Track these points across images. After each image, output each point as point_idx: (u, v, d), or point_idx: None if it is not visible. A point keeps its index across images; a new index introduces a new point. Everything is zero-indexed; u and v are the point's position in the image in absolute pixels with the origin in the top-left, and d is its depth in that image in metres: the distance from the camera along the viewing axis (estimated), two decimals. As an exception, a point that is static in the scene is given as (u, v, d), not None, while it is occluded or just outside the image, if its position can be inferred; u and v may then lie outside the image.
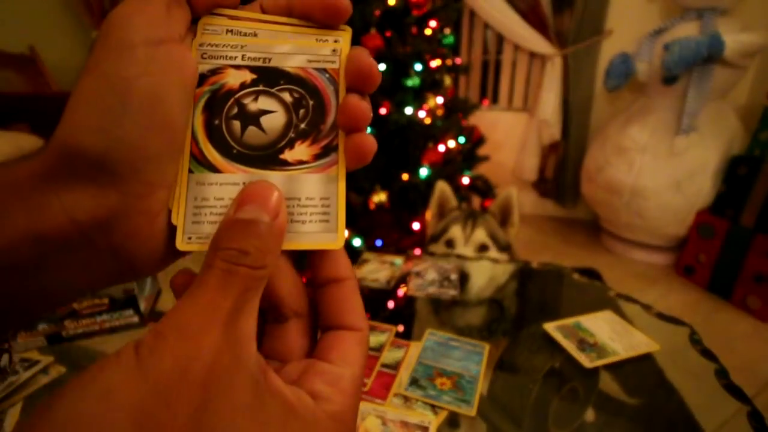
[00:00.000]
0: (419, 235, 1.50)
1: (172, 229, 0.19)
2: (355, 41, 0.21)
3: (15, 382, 0.52)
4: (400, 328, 0.64)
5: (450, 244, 1.09)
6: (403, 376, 0.54)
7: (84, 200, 0.16)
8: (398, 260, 0.84)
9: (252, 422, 0.15)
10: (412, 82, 1.45)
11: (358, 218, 1.46)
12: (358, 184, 1.43)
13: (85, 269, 0.18)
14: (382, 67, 1.40)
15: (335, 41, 0.20)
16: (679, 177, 1.78)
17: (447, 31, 1.72)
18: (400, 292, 0.75)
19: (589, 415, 0.50)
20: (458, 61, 1.81)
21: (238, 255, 0.16)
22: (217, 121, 0.19)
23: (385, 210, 1.45)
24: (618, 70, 1.98)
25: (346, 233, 1.34)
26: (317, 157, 0.20)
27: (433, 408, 0.49)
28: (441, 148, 1.55)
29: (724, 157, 1.74)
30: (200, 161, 0.19)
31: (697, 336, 0.60)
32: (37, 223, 0.16)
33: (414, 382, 0.53)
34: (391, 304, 0.73)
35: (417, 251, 0.93)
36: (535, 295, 0.80)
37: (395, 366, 0.56)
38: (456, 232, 1.09)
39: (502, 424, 0.48)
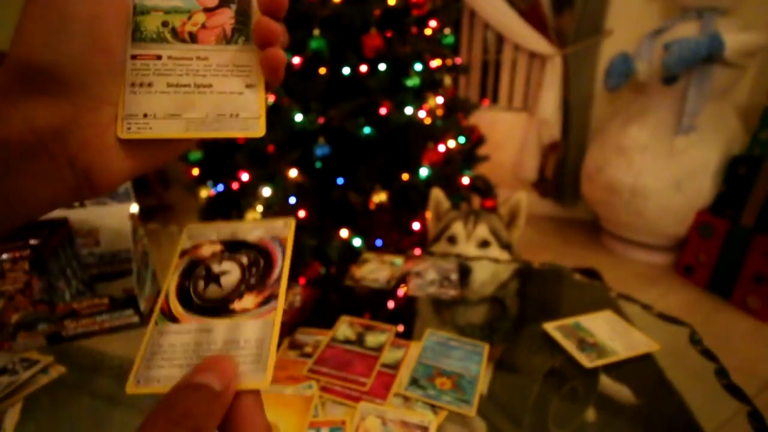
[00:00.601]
0: (419, 235, 1.50)
1: (121, 145, 0.22)
2: (355, 41, 0.22)
3: (15, 382, 0.52)
4: (400, 328, 0.64)
5: (452, 240, 1.10)
6: (403, 376, 0.54)
7: (39, 110, 0.19)
8: (398, 260, 0.84)
9: None
10: (412, 82, 1.45)
11: (358, 218, 1.46)
12: (358, 184, 1.43)
13: (46, 178, 0.19)
14: (382, 67, 1.39)
15: (285, 223, 0.26)
16: (679, 177, 1.78)
17: (447, 31, 1.72)
18: (400, 292, 0.75)
19: (589, 415, 0.50)
20: (458, 61, 1.80)
21: (182, 415, 0.17)
22: (187, 283, 0.24)
23: (385, 210, 1.45)
24: (618, 69, 1.98)
25: (346, 233, 1.33)
26: (260, 304, 0.23)
27: (433, 408, 0.49)
28: (441, 148, 1.55)
29: (724, 157, 1.74)
30: (165, 314, 0.23)
31: (697, 336, 0.60)
32: (0, 131, 0.18)
33: (414, 382, 0.53)
34: (391, 304, 0.73)
35: (417, 251, 0.93)
36: (535, 295, 0.80)
37: (395, 366, 0.56)
38: (458, 228, 1.09)
39: (502, 424, 0.48)
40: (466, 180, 1.68)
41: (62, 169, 0.20)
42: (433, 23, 1.59)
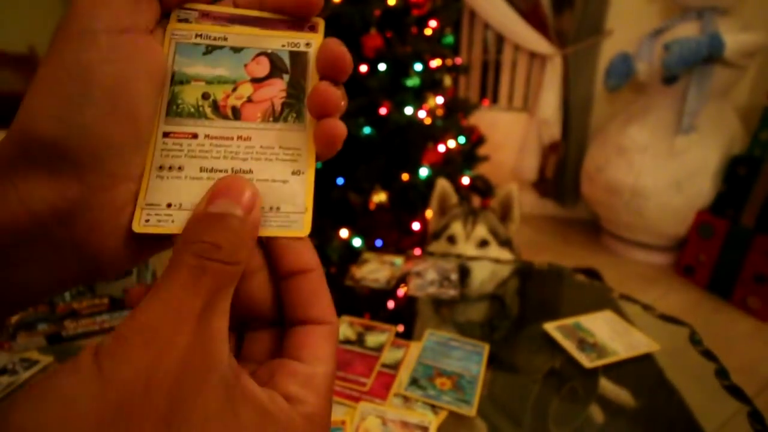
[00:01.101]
0: (419, 235, 1.50)
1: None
2: (355, 41, 0.21)
3: (15, 382, 0.52)
4: (400, 328, 0.64)
5: (451, 239, 1.10)
6: (403, 376, 0.54)
7: (42, 190, 0.16)
8: (398, 260, 0.84)
9: (226, 430, 0.14)
10: (412, 82, 1.45)
11: (358, 218, 1.46)
12: (358, 184, 1.43)
13: (46, 265, 0.17)
14: (382, 67, 1.39)
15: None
16: (679, 177, 1.78)
17: (447, 31, 1.72)
18: (400, 292, 0.75)
19: (589, 415, 0.50)
20: (458, 61, 1.80)
21: (210, 249, 0.15)
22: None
23: (385, 210, 1.45)
24: (618, 70, 1.98)
25: (346, 233, 1.33)
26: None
27: (433, 408, 0.49)
28: (441, 148, 1.55)
29: (724, 157, 1.74)
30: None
31: (698, 336, 0.60)
32: None
33: (414, 382, 0.53)
34: (391, 304, 0.73)
35: (417, 251, 0.93)
36: (535, 295, 0.80)
37: (395, 366, 0.56)
38: (457, 228, 1.10)
39: (502, 424, 0.48)
40: (466, 180, 1.68)
41: (66, 254, 0.17)
42: (433, 23, 1.59)
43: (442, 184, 1.20)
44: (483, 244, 1.08)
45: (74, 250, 0.17)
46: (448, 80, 1.68)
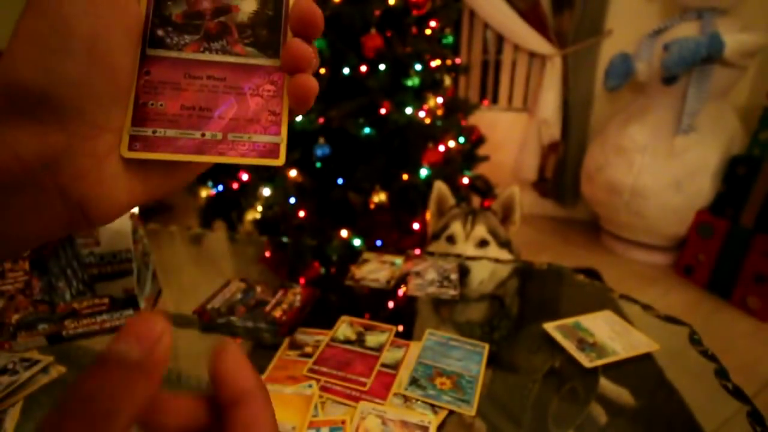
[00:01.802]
0: (419, 235, 1.50)
1: (123, 170, 0.20)
2: (355, 41, 0.21)
3: (15, 382, 0.52)
4: (400, 328, 0.64)
5: (451, 239, 1.10)
6: (403, 375, 0.54)
7: (28, 137, 0.16)
8: (398, 260, 0.84)
9: None
10: (412, 82, 1.45)
11: (358, 218, 1.46)
12: (358, 184, 1.43)
13: (35, 211, 0.17)
14: (382, 67, 1.40)
15: None
16: (679, 177, 1.78)
17: (447, 31, 1.73)
18: (400, 292, 0.75)
19: (589, 415, 0.50)
20: (458, 61, 1.81)
21: (84, 399, 0.13)
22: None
23: (385, 210, 1.45)
24: (618, 70, 1.98)
25: (346, 233, 1.32)
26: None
27: (433, 408, 0.49)
28: (441, 148, 1.55)
29: (724, 157, 1.75)
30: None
31: (697, 336, 0.60)
32: None
33: (414, 381, 0.53)
34: (391, 304, 0.73)
35: (417, 251, 0.93)
36: (535, 295, 0.80)
37: (395, 366, 0.56)
38: (456, 228, 1.10)
39: (502, 423, 0.49)
40: (466, 180, 1.68)
41: (53, 201, 0.17)
42: (433, 23, 1.59)
43: (439, 186, 1.20)
44: (482, 244, 1.08)
45: (61, 197, 0.18)
46: (448, 80, 1.68)
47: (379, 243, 1.50)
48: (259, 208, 1.40)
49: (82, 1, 0.17)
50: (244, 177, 1.45)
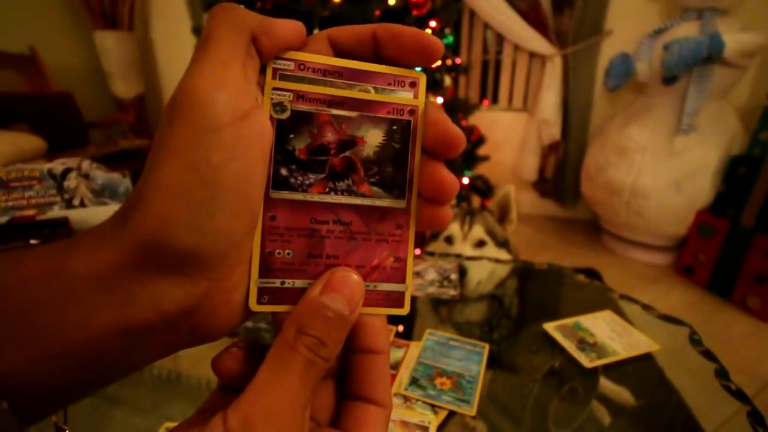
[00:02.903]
0: (419, 235, 1.50)
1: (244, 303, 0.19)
2: None
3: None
4: (400, 328, 0.64)
5: (449, 240, 1.11)
6: (403, 376, 0.54)
7: (171, 291, 0.16)
8: (398, 260, 0.84)
9: None
10: (412, 82, 1.45)
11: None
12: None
13: (164, 352, 0.17)
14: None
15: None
16: (679, 177, 1.78)
17: (447, 31, 1.72)
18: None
19: (589, 415, 0.50)
20: (458, 61, 1.81)
21: (318, 345, 0.17)
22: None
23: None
24: (618, 70, 1.98)
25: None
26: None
27: (433, 408, 0.49)
28: (441, 148, 1.54)
29: (724, 157, 1.74)
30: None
31: (697, 336, 0.60)
32: (123, 315, 0.15)
33: (414, 382, 0.53)
34: (391, 304, 0.73)
35: (417, 251, 0.93)
36: (535, 295, 0.80)
37: (395, 366, 0.56)
38: (454, 228, 1.10)
39: (502, 424, 0.48)
40: (466, 180, 1.68)
41: (182, 339, 0.17)
42: (433, 23, 1.59)
43: None
44: (480, 244, 1.09)
45: (190, 332, 0.17)
46: (448, 80, 1.68)
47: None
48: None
49: (230, 145, 0.15)
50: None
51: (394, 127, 0.19)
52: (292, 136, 0.19)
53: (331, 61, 0.19)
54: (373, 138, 0.19)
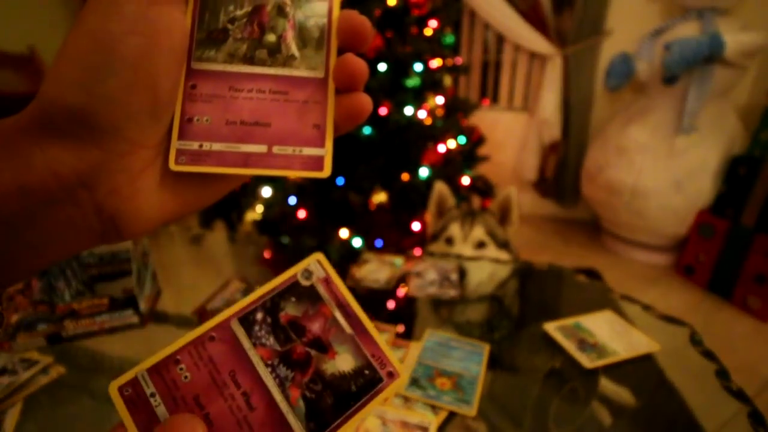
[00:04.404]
0: (419, 235, 1.50)
1: (155, 191, 0.19)
2: None
3: (15, 382, 0.52)
4: (400, 328, 0.64)
5: (449, 241, 1.10)
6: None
7: (65, 154, 0.17)
8: (398, 260, 0.84)
9: None
10: (412, 82, 1.45)
11: (358, 218, 1.46)
12: (358, 184, 1.43)
13: (70, 225, 0.18)
14: (382, 67, 1.39)
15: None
16: (680, 177, 1.78)
17: (447, 31, 1.72)
18: (400, 292, 0.75)
19: (590, 415, 0.50)
20: (458, 61, 1.80)
21: None
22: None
23: (385, 210, 1.45)
24: (618, 70, 1.98)
25: (346, 233, 1.32)
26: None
27: (433, 408, 0.49)
28: (441, 148, 1.55)
29: (725, 157, 1.74)
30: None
31: (698, 336, 0.60)
32: (22, 175, 0.16)
33: (414, 382, 0.53)
34: (391, 304, 0.73)
35: (417, 251, 0.93)
36: (535, 295, 0.80)
37: (395, 366, 0.56)
38: (455, 229, 1.10)
39: (502, 424, 0.48)
40: (466, 180, 1.68)
41: (88, 216, 0.18)
42: (433, 23, 1.59)
43: (440, 187, 1.20)
44: (480, 245, 1.09)
45: (96, 211, 0.18)
46: (448, 80, 1.68)
47: (379, 243, 1.50)
48: (259, 208, 1.40)
49: (129, 20, 0.17)
50: (244, 177, 1.45)
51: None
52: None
53: None
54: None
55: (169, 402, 0.17)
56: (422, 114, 1.47)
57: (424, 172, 1.46)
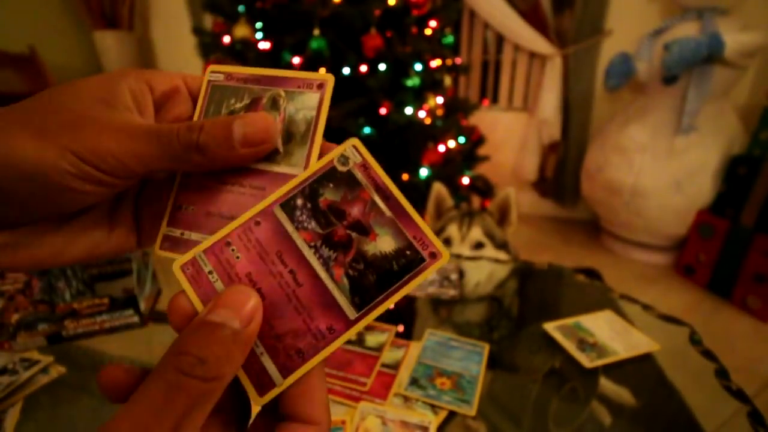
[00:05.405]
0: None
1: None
2: (356, 41, 0.21)
3: (15, 382, 0.52)
4: (400, 328, 0.64)
5: (447, 242, 1.11)
6: (403, 376, 0.54)
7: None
8: (398, 260, 0.84)
9: None
10: (412, 82, 1.45)
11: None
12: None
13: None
14: (382, 67, 1.39)
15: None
16: (679, 177, 1.78)
17: (447, 31, 1.72)
18: (400, 292, 0.75)
19: (589, 415, 0.50)
20: (458, 61, 1.81)
21: (193, 363, 0.15)
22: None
23: (385, 210, 1.44)
24: (618, 70, 1.98)
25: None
26: None
27: (433, 408, 0.49)
28: (441, 148, 1.55)
29: (724, 157, 1.74)
30: None
31: (698, 336, 0.60)
32: None
33: (414, 382, 0.53)
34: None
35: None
36: (535, 295, 0.80)
37: (395, 366, 0.56)
38: (452, 230, 1.10)
39: (502, 424, 0.48)
40: (466, 180, 1.68)
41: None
42: (433, 23, 1.59)
43: (438, 188, 1.20)
44: (478, 246, 1.09)
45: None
46: (448, 80, 1.68)
47: (379, 243, 1.49)
48: (259, 208, 1.39)
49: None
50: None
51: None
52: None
53: (250, 71, 0.22)
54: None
55: (224, 278, 0.19)
56: (422, 114, 1.47)
57: (423, 172, 1.46)
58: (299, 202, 0.20)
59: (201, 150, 0.18)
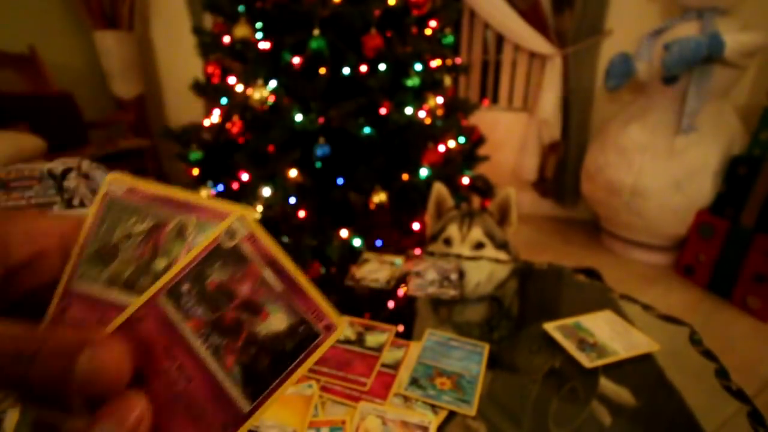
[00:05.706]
0: (419, 235, 1.50)
1: None
2: (356, 41, 0.21)
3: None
4: (400, 328, 0.64)
5: (447, 242, 1.10)
6: (403, 376, 0.54)
7: None
8: (398, 260, 0.84)
9: None
10: (412, 82, 1.45)
11: (358, 218, 1.46)
12: (358, 184, 1.43)
13: None
14: (382, 67, 1.39)
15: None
16: (679, 177, 1.78)
17: (447, 31, 1.72)
18: (400, 292, 0.75)
19: (589, 415, 0.50)
20: (458, 61, 1.81)
21: None
22: None
23: (385, 210, 1.45)
24: (618, 70, 1.98)
25: (346, 233, 1.31)
26: None
27: (433, 408, 0.49)
28: (441, 148, 1.55)
29: (725, 157, 1.74)
30: None
31: (698, 336, 0.60)
32: None
33: (414, 382, 0.53)
34: (391, 304, 0.73)
35: (417, 251, 0.93)
36: (535, 295, 0.80)
37: (395, 366, 0.56)
38: (453, 230, 1.10)
39: (502, 424, 0.48)
40: (466, 180, 1.68)
41: None
42: (433, 23, 1.59)
43: (438, 187, 1.20)
44: (478, 246, 1.09)
45: None
46: (448, 80, 1.68)
47: (379, 243, 1.50)
48: (259, 208, 1.40)
49: None
50: (244, 177, 1.45)
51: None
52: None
53: (159, 190, 0.20)
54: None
55: None
56: (422, 114, 1.47)
57: (423, 172, 1.46)
58: (185, 287, 0.18)
59: (29, 382, 0.14)
